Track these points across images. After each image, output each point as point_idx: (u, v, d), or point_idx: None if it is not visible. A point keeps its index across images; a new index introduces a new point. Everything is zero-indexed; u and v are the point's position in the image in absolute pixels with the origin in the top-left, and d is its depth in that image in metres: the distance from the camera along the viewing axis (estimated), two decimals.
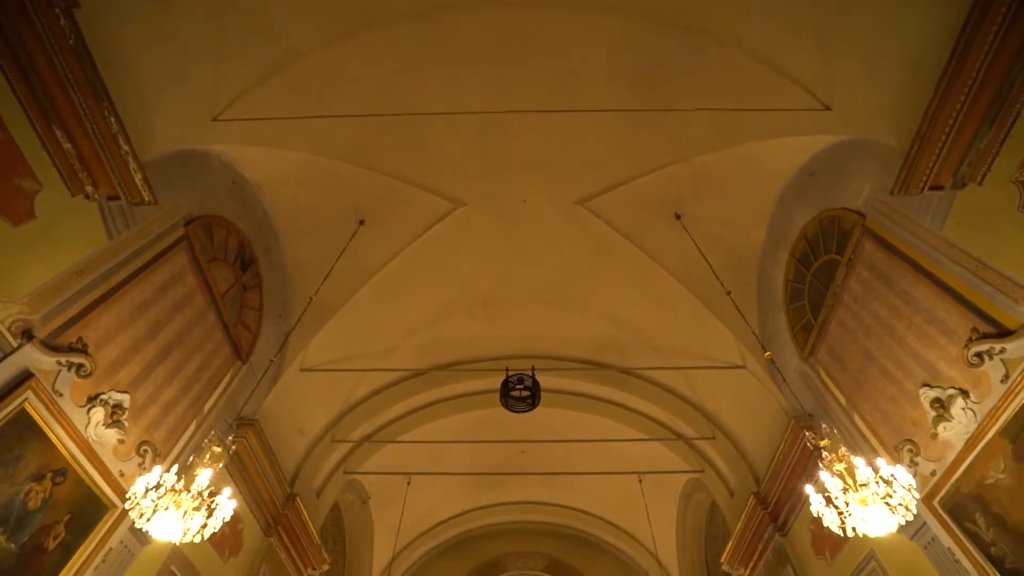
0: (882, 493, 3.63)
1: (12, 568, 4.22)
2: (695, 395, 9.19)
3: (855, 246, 5.77)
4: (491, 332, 9.23)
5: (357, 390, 9.24)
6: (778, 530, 7.85)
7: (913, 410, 5.28)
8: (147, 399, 5.61)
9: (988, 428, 4.48)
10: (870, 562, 6.19)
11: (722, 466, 9.13)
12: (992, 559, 4.59)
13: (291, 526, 8.29)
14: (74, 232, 4.70)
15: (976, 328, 4.50)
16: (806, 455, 6.78)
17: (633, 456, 10.04)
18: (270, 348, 7.41)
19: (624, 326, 8.91)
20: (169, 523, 3.77)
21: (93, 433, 4.93)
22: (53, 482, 4.58)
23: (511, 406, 6.76)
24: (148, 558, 5.73)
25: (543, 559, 13.72)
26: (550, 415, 9.48)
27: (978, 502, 4.69)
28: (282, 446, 8.23)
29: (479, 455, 10.47)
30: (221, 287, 6.68)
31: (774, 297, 7.42)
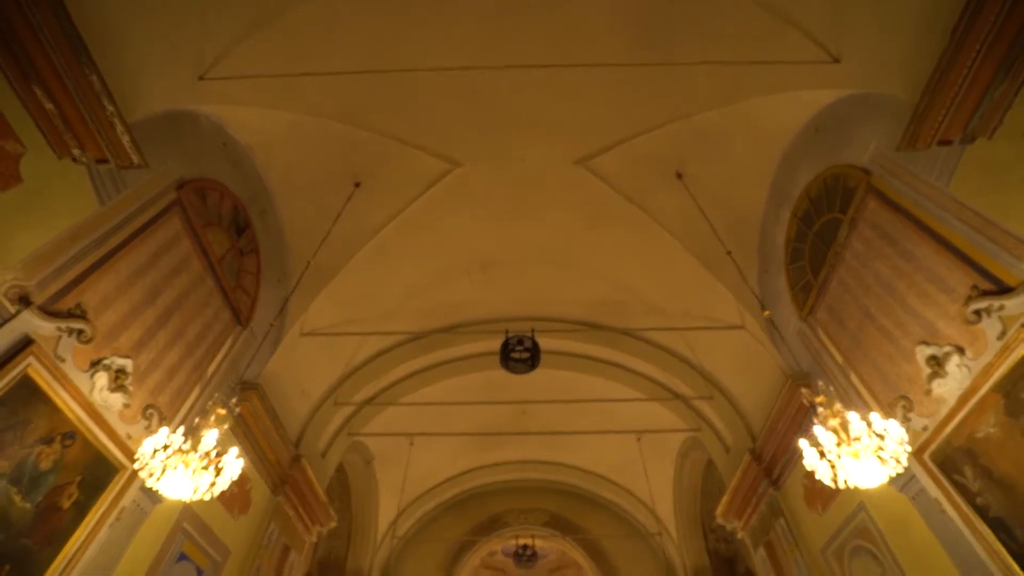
0: (874, 447, 3.70)
1: (30, 526, 4.36)
2: (694, 355, 9.28)
3: (859, 204, 5.70)
4: (490, 295, 9.24)
5: (358, 354, 9.33)
6: (772, 484, 8.09)
7: (909, 367, 5.33)
8: (150, 364, 5.65)
9: (982, 384, 4.53)
10: (859, 513, 6.40)
11: (719, 424, 9.32)
12: (977, 509, 4.73)
13: (298, 485, 8.53)
14: (64, 197, 4.62)
15: (976, 285, 4.49)
16: (802, 412, 6.90)
17: (631, 415, 10.25)
18: (270, 313, 7.42)
19: (623, 287, 8.91)
20: (179, 482, 3.86)
21: (98, 397, 4.99)
22: (63, 445, 4.67)
23: (511, 367, 6.84)
24: (161, 516, 5.91)
25: (543, 515, 14.22)
26: (550, 376, 9.61)
27: (967, 455, 4.80)
28: (286, 409, 8.37)
29: (480, 416, 10.67)
30: (217, 252, 6.62)
31: (775, 257, 7.39)
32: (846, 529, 6.63)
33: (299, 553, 8.90)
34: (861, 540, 6.43)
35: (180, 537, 6.27)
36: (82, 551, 4.78)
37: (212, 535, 6.81)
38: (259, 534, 7.72)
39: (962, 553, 4.91)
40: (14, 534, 4.23)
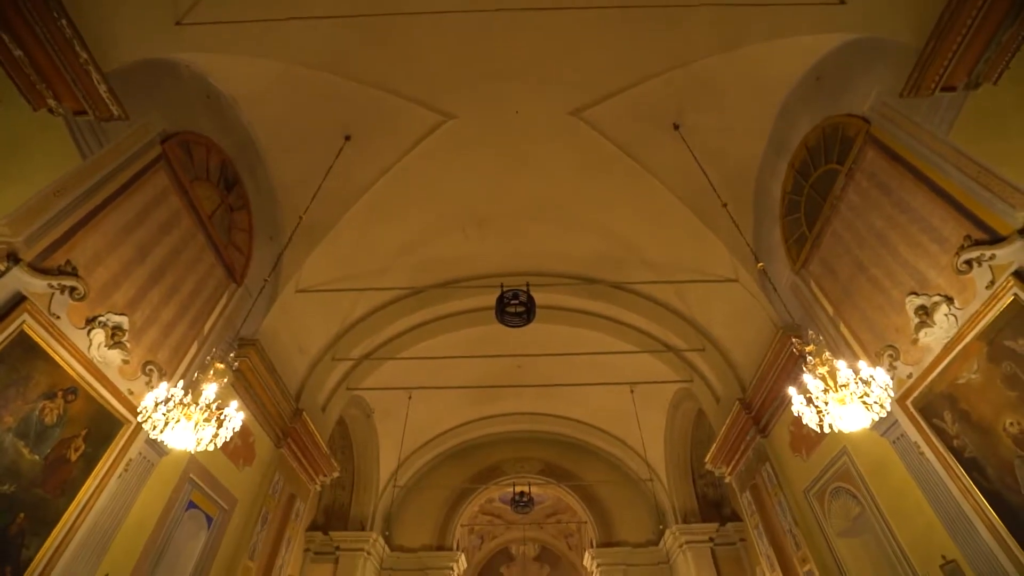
0: (860, 393, 3.82)
1: (40, 477, 4.49)
2: (687, 308, 9.39)
3: (857, 154, 5.63)
4: (485, 249, 9.20)
5: (354, 310, 9.37)
6: (759, 432, 8.38)
7: (897, 318, 5.43)
8: (145, 321, 5.66)
9: (967, 332, 4.64)
10: (842, 457, 6.68)
11: (710, 376, 9.54)
12: (953, 451, 4.94)
13: (300, 438, 8.77)
14: (44, 151, 4.49)
15: (969, 235, 4.51)
16: (791, 362, 7.06)
17: (625, 368, 10.46)
18: (264, 269, 7.38)
19: (618, 241, 8.89)
20: (182, 434, 3.95)
21: (97, 354, 5.03)
22: (65, 400, 4.74)
23: (507, 321, 6.89)
24: (168, 468, 6.08)
25: (539, 464, 14.75)
26: (545, 330, 9.73)
27: (948, 400, 4.97)
28: (284, 365, 8.48)
29: (477, 369, 10.85)
30: (207, 208, 6.52)
31: (770, 210, 7.36)
32: (828, 472, 6.93)
33: (304, 501, 9.24)
34: (842, 482, 6.73)
35: (188, 487, 6.47)
36: (93, 500, 4.94)
37: (219, 485, 7.04)
38: (264, 484, 7.99)
39: (937, 492, 5.17)
40: (26, 485, 4.36)
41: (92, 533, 4.96)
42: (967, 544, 4.88)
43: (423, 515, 14.03)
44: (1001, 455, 4.46)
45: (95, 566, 5.03)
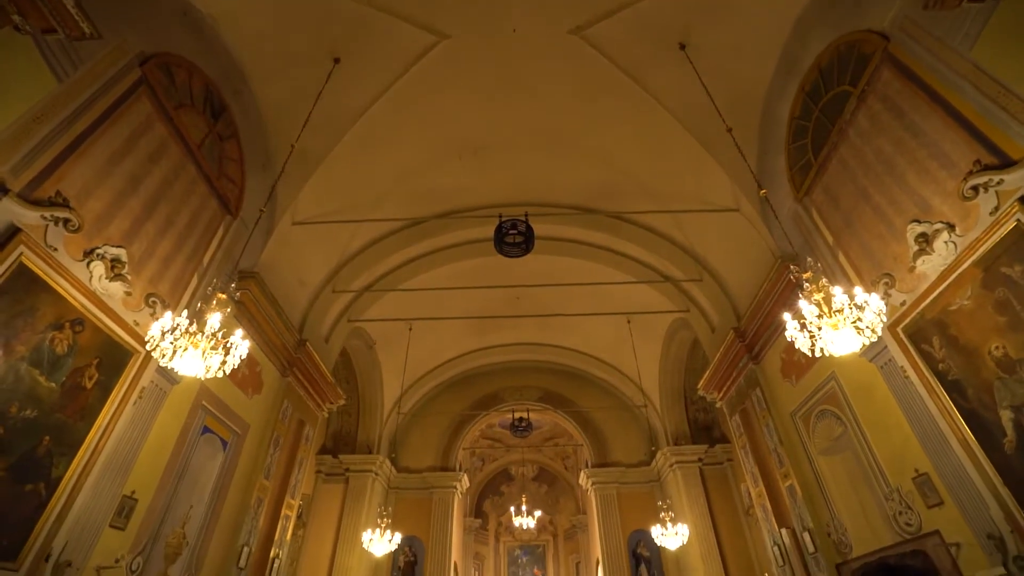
0: (853, 318, 3.89)
1: (59, 403, 4.67)
2: (685, 239, 9.36)
3: (872, 75, 5.38)
4: (483, 179, 9.02)
5: (352, 242, 9.33)
6: (752, 359, 8.65)
7: (897, 246, 5.44)
8: (144, 254, 5.65)
9: (965, 259, 4.67)
10: (830, 382, 6.94)
11: (706, 305, 9.70)
12: (937, 373, 5.13)
13: (305, 367, 9.03)
14: (15, 74, 4.26)
15: (979, 160, 4.42)
16: (788, 291, 7.15)
17: (622, 298, 10.60)
18: (258, 201, 7.26)
19: (618, 170, 8.69)
20: (190, 361, 4.04)
21: (99, 286, 5.06)
22: (73, 331, 4.83)
23: (505, 251, 6.89)
24: (180, 395, 6.32)
25: (538, 392, 15.32)
26: (543, 261, 9.76)
27: (938, 326, 5.08)
28: (286, 297, 8.56)
29: (477, 300, 11.00)
30: (195, 137, 6.30)
31: (776, 136, 7.14)
32: (816, 396, 7.22)
33: (313, 427, 9.68)
34: (828, 405, 7.04)
35: (201, 413, 6.76)
36: (112, 424, 5.17)
37: (231, 411, 7.35)
38: (274, 410, 8.34)
39: (917, 412, 5.42)
40: (47, 410, 4.55)
41: (115, 454, 5.24)
42: (939, 458, 5.18)
43: (427, 439, 14.76)
44: (983, 377, 4.63)
45: (121, 483, 5.36)
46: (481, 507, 20.70)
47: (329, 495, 12.70)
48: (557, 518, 20.71)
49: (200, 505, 6.67)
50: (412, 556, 13.07)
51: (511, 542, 20.44)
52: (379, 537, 9.90)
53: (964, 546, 4.95)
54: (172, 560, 6.12)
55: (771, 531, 8.28)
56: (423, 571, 12.88)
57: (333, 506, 12.56)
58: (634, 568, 12.83)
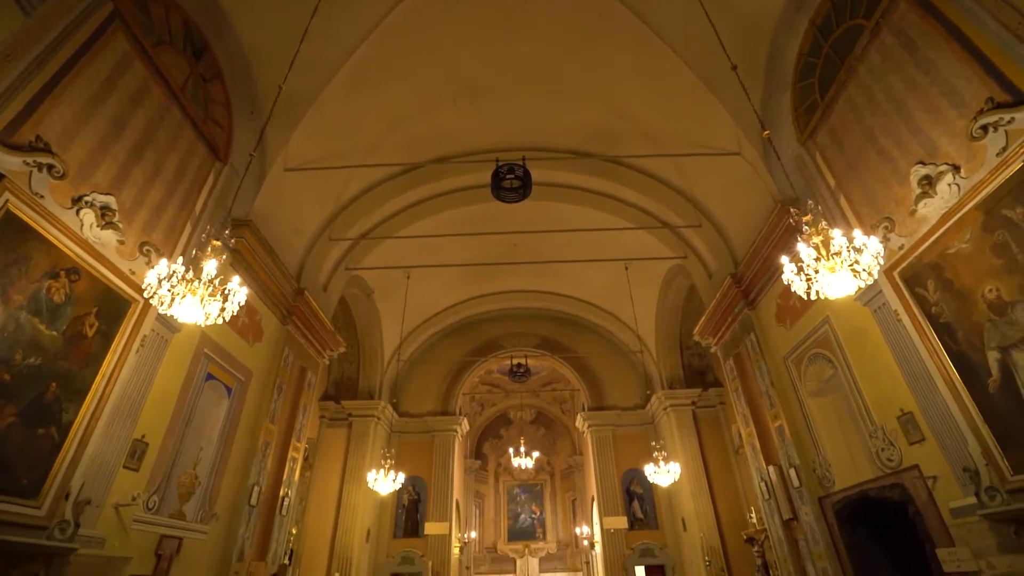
0: (850, 261, 3.89)
1: (62, 351, 4.72)
2: (685, 184, 9.22)
3: (887, 6, 5.12)
4: (479, 123, 8.74)
5: (347, 189, 9.16)
6: (747, 305, 8.73)
7: (899, 189, 5.36)
8: (134, 202, 5.55)
9: (967, 201, 4.61)
10: (823, 326, 7.04)
11: (704, 252, 9.68)
12: (930, 316, 5.19)
13: (304, 316, 9.10)
14: None
15: (992, 98, 4.28)
16: (787, 235, 7.12)
17: (620, 245, 10.55)
18: (247, 146, 7.05)
19: (618, 112, 8.42)
20: (189, 308, 4.05)
21: (91, 235, 5.00)
22: (69, 279, 4.81)
23: (503, 197, 6.78)
24: (182, 343, 6.39)
25: (535, 338, 15.57)
26: (541, 208, 9.64)
27: (933, 270, 5.10)
28: (282, 246, 8.50)
29: (474, 248, 10.94)
30: (177, 77, 6.04)
31: (782, 74, 6.87)
32: (809, 340, 7.35)
33: (315, 374, 9.87)
34: (820, 348, 7.17)
35: (204, 361, 6.86)
36: (117, 371, 5.25)
37: (233, 359, 7.46)
38: (276, 358, 8.47)
39: (907, 354, 5.53)
40: (51, 357, 4.60)
41: (122, 400, 5.36)
42: (925, 398, 5.34)
43: (427, 385, 15.13)
44: (974, 319, 4.70)
45: (131, 428, 5.51)
46: (481, 449, 21.53)
47: (334, 439, 13.16)
48: (554, 459, 21.59)
49: (209, 448, 6.90)
50: (416, 495, 13.72)
51: (510, 481, 21.41)
52: (383, 477, 10.33)
53: (941, 478, 5.19)
54: (186, 498, 6.40)
55: (759, 468, 8.66)
56: (426, 508, 13.55)
57: (338, 449, 13.03)
58: (627, 504, 13.52)
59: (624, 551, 12.85)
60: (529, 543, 20.15)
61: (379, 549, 12.84)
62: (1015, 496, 4.37)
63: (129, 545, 5.42)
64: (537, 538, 20.45)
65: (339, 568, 11.47)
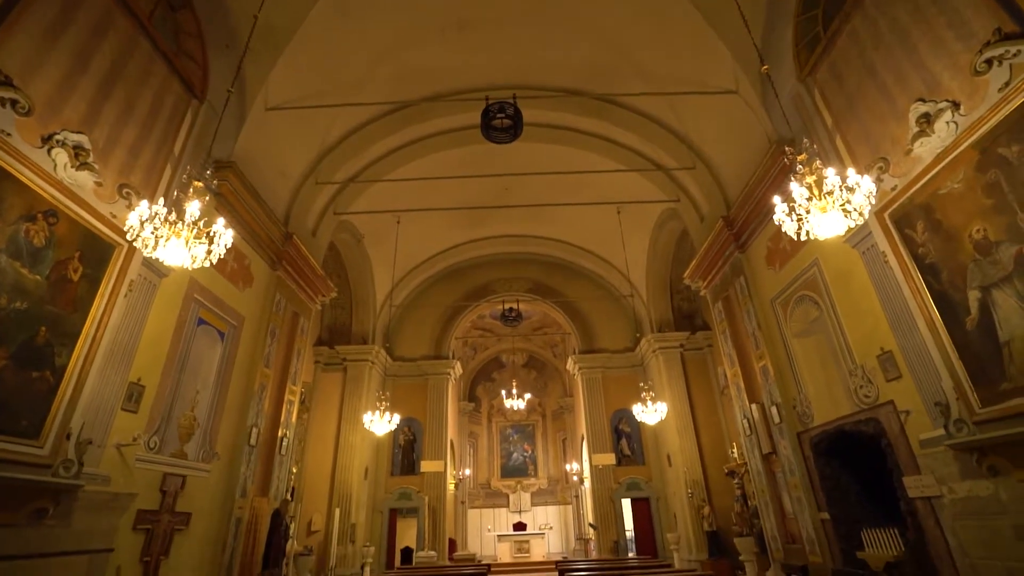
0: (842, 200, 3.87)
1: (48, 295, 4.67)
2: (680, 124, 8.99)
3: None
4: (468, 59, 8.34)
5: (332, 129, 8.84)
6: (738, 248, 8.76)
7: (897, 127, 5.27)
8: (108, 141, 5.33)
9: (963, 140, 4.56)
10: (812, 268, 7.11)
11: (697, 195, 9.59)
12: (916, 257, 5.25)
13: (293, 260, 9.03)
14: None
15: (999, 28, 4.14)
16: (780, 176, 7.04)
17: (612, 188, 10.42)
18: (225, 82, 6.69)
19: (613, 47, 8.05)
20: (174, 251, 3.99)
21: (66, 175, 4.83)
22: (47, 222, 4.69)
23: (493, 137, 6.57)
24: (170, 288, 6.34)
25: (527, 283, 15.65)
26: (533, 150, 9.42)
27: (924, 211, 5.10)
28: (267, 189, 8.29)
29: (465, 192, 10.75)
30: (143, 5, 5.65)
31: (785, 6, 6.56)
32: (797, 282, 7.44)
33: (307, 319, 9.92)
34: (807, 291, 7.28)
35: (194, 306, 6.84)
36: (106, 316, 5.23)
37: (224, 304, 7.45)
38: (267, 303, 8.47)
39: (891, 295, 5.63)
40: (37, 301, 4.56)
41: (115, 344, 5.37)
42: (905, 338, 5.49)
43: (420, 330, 15.31)
44: (958, 260, 4.75)
45: (126, 371, 5.56)
46: (474, 392, 22.13)
47: (329, 382, 13.42)
48: (545, 401, 22.29)
49: (206, 391, 7.02)
50: (411, 435, 14.20)
51: (503, 422, 22.17)
52: (379, 418, 10.63)
53: (913, 413, 5.43)
54: (186, 439, 6.57)
55: (742, 407, 9.00)
56: (422, 448, 14.07)
57: (334, 392, 13.32)
58: (616, 442, 14.11)
59: (612, 485, 13.54)
60: (521, 479, 21.14)
61: (377, 486, 13.43)
62: (981, 427, 4.60)
63: (134, 482, 5.61)
64: (529, 475, 21.43)
65: (339, 504, 12.02)
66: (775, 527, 8.13)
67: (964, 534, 4.87)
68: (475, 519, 19.93)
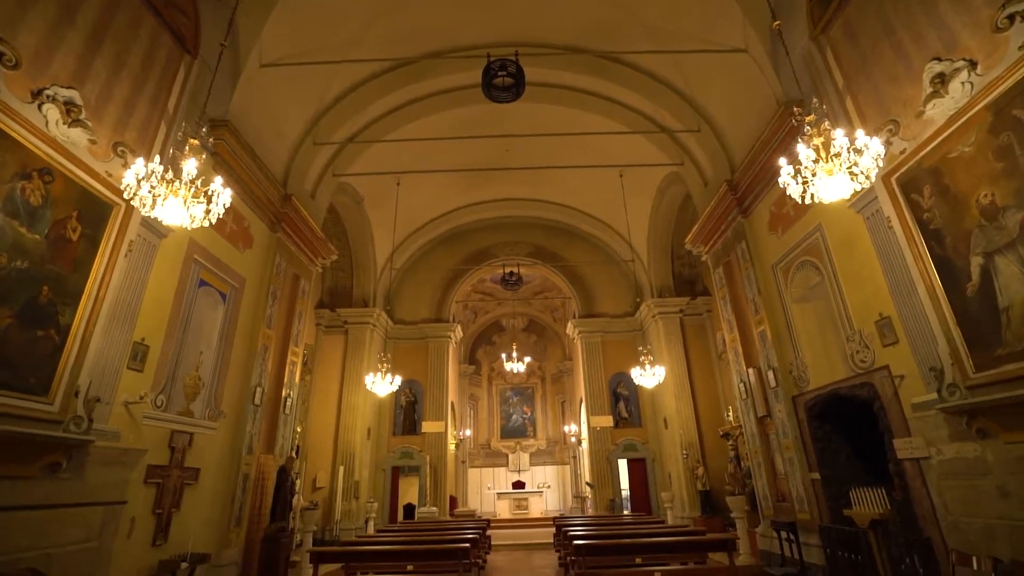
0: (849, 162, 3.80)
1: (48, 254, 4.66)
2: (686, 85, 8.74)
3: None
4: (469, 13, 8.03)
5: (330, 88, 8.61)
6: (741, 213, 8.68)
7: (910, 88, 5.13)
8: (100, 98, 5.21)
9: (978, 101, 4.44)
10: (815, 234, 7.06)
11: (701, 158, 9.42)
12: (920, 222, 5.19)
13: (293, 222, 8.97)
14: None
15: None
16: (788, 139, 6.90)
17: (615, 151, 10.23)
18: (218, 37, 6.49)
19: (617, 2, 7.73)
20: (173, 210, 3.96)
21: (58, 133, 4.75)
22: (43, 180, 4.64)
23: (494, 96, 6.40)
24: (171, 249, 6.32)
25: (528, 247, 15.60)
26: (535, 110, 9.20)
27: (932, 175, 5.02)
28: (265, 149, 8.15)
29: (465, 153, 10.57)
30: None
31: None
32: (799, 248, 7.41)
33: (308, 281, 9.93)
34: (809, 256, 7.25)
35: (195, 267, 6.84)
36: (108, 275, 5.23)
37: (224, 266, 7.45)
38: (267, 265, 8.47)
39: (893, 262, 5.60)
40: (37, 261, 4.56)
41: (118, 304, 5.40)
42: (904, 304, 5.50)
43: (420, 293, 15.37)
44: (963, 225, 4.71)
45: (130, 331, 5.61)
46: (475, 355, 22.40)
47: (331, 345, 13.58)
48: (545, 364, 22.58)
49: (210, 351, 7.11)
50: (413, 396, 14.48)
51: (503, 385, 22.53)
52: (381, 380, 10.80)
53: (907, 377, 5.50)
54: (192, 398, 6.69)
55: (739, 371, 9.12)
56: (423, 409, 14.37)
57: (336, 354, 13.50)
58: (613, 405, 14.39)
59: (609, 446, 13.89)
60: (520, 440, 21.67)
61: (380, 445, 13.78)
62: (973, 391, 4.66)
63: (143, 439, 5.75)
64: (528, 436, 21.95)
65: (343, 462, 12.37)
66: (767, 486, 8.38)
67: (948, 493, 5.02)
68: (475, 478, 20.54)
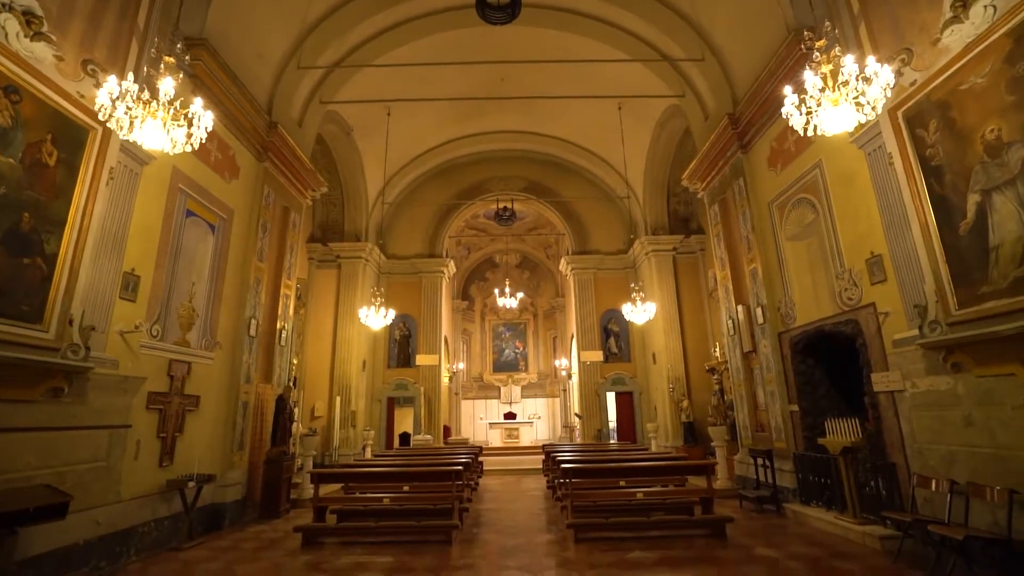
0: (856, 92, 3.67)
1: (26, 180, 4.50)
2: (692, 9, 8.24)
3: None
4: None
5: (314, 4, 8.02)
6: (741, 148, 8.48)
7: (929, 14, 4.88)
8: (62, 8, 4.85)
9: (999, 27, 4.24)
10: (814, 170, 6.94)
11: (704, 90, 9.06)
12: (922, 159, 5.11)
13: (280, 152, 8.66)
14: None
15: None
16: (795, 69, 6.61)
17: (615, 81, 9.79)
18: None
19: None
20: (152, 133, 3.80)
21: (20, 47, 4.45)
22: (10, 100, 4.39)
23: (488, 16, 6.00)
24: (154, 178, 6.12)
25: (522, 182, 15.30)
26: (531, 34, 8.68)
27: (940, 108, 4.87)
28: (246, 73, 7.71)
29: (458, 82, 10.07)
30: None
31: None
32: (797, 185, 7.31)
33: (299, 213, 9.74)
34: (806, 193, 7.17)
35: (181, 197, 6.66)
36: (91, 203, 5.10)
37: (211, 195, 7.25)
38: (255, 196, 8.27)
39: (890, 199, 5.56)
40: (15, 186, 4.41)
41: (104, 233, 5.30)
42: (896, 243, 5.52)
43: (413, 228, 15.21)
44: (965, 162, 4.63)
45: (119, 261, 5.54)
46: (468, 291, 22.56)
47: (324, 279, 13.58)
48: (538, 300, 22.84)
49: (202, 283, 7.08)
50: (407, 331, 14.71)
51: (495, 320, 22.87)
52: (375, 313, 10.90)
53: (892, 314, 5.62)
54: (187, 329, 6.74)
55: (729, 308, 9.28)
56: (417, 343, 14.63)
57: (329, 288, 13.53)
58: (604, 340, 14.71)
59: (598, 380, 14.35)
60: (512, 374, 22.30)
61: (375, 377, 14.15)
62: (953, 328, 4.79)
63: (141, 367, 5.84)
64: (520, 370, 22.57)
65: (339, 393, 12.74)
66: (747, 417, 8.78)
67: (917, 423, 5.29)
68: (468, 409, 21.33)
